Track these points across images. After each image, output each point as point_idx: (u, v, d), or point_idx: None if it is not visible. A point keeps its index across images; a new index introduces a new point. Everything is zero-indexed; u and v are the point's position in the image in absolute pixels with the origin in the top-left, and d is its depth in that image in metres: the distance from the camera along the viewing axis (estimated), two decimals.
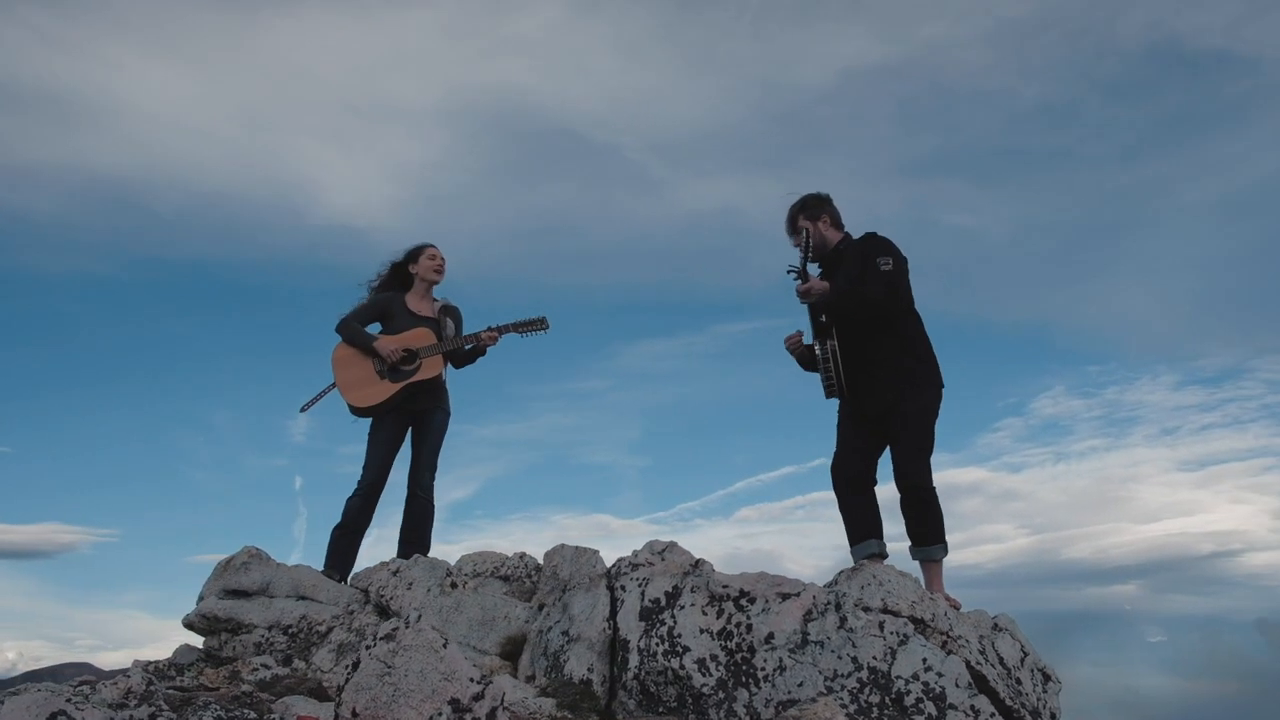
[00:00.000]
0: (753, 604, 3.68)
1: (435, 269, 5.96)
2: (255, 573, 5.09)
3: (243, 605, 4.97)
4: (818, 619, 3.66)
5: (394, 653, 2.43)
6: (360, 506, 5.67)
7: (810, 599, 3.69)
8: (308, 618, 4.85)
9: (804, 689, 3.44)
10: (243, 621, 4.91)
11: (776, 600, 3.67)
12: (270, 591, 5.06)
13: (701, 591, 3.78)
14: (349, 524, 5.66)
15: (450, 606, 4.63)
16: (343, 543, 5.66)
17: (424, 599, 4.66)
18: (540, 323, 5.86)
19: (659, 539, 4.20)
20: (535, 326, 5.86)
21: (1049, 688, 4.53)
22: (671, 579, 3.85)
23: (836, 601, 3.71)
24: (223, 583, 5.11)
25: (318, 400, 5.89)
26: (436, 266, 5.97)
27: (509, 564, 5.16)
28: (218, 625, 4.96)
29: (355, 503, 5.67)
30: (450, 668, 2.44)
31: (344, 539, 5.66)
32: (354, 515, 5.66)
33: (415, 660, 2.44)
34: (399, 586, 4.76)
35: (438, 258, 5.99)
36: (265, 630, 4.86)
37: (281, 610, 4.90)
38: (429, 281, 5.98)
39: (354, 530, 5.67)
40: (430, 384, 5.77)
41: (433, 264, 5.96)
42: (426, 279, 5.96)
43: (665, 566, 3.92)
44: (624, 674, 3.62)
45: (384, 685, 2.36)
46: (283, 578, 5.09)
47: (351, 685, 2.37)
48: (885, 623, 3.68)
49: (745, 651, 3.58)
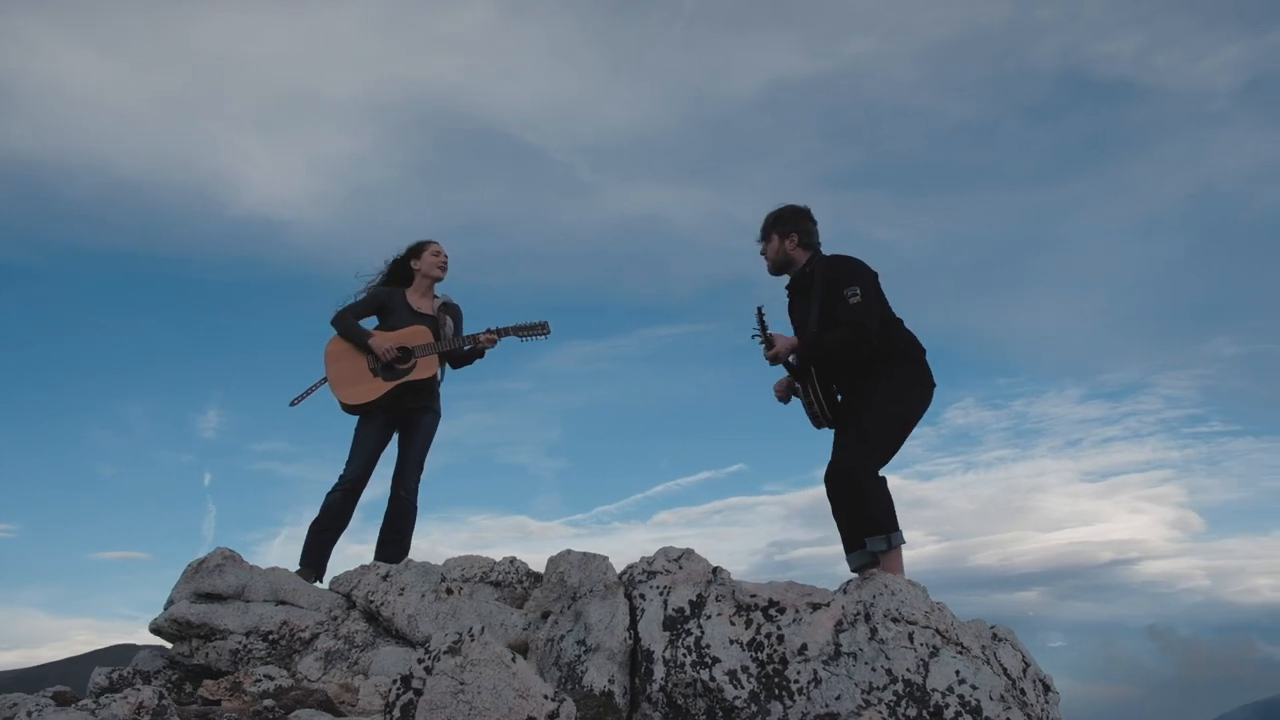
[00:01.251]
0: (782, 614, 3.58)
1: (439, 265, 5.78)
2: (230, 575, 4.82)
3: (217, 610, 4.70)
4: (848, 630, 3.57)
5: (462, 668, 2.26)
6: (341, 504, 5.43)
7: (840, 609, 3.61)
8: (289, 623, 4.60)
9: (842, 702, 3.35)
10: (217, 627, 4.64)
11: (807, 610, 3.57)
12: (246, 595, 4.79)
13: (727, 600, 3.67)
14: (328, 522, 5.42)
15: (446, 613, 4.43)
16: (320, 540, 5.41)
17: (418, 605, 4.45)
18: (542, 327, 5.71)
19: (673, 545, 4.08)
20: (536, 331, 5.71)
21: (1050, 698, 4.52)
22: (694, 587, 3.73)
23: (865, 612, 3.64)
24: (194, 586, 4.83)
25: (308, 395, 5.64)
26: (440, 263, 5.78)
27: (499, 569, 4.98)
28: (189, 631, 4.68)
29: (336, 499, 5.43)
30: (524, 684, 2.28)
31: (321, 536, 5.42)
32: (334, 513, 5.42)
33: (487, 676, 2.27)
34: (390, 592, 4.54)
35: (441, 254, 5.80)
36: (243, 636, 4.59)
37: (260, 615, 4.64)
38: (432, 278, 5.78)
39: (333, 529, 5.43)
40: (422, 384, 5.56)
41: (436, 260, 5.77)
42: (429, 275, 5.77)
43: (686, 574, 3.80)
44: (648, 686, 3.48)
45: (459, 704, 2.18)
46: (259, 581, 4.83)
47: (424, 704, 2.19)
48: (914, 634, 3.62)
49: (777, 663, 3.48)
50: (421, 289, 5.78)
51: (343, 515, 5.44)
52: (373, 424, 5.52)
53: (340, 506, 5.43)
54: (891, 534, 4.51)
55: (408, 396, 5.55)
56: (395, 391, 5.49)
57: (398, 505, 5.56)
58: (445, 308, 5.81)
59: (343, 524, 5.46)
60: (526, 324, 5.70)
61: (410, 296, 5.74)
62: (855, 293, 4.63)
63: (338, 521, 5.43)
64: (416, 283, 5.78)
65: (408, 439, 5.60)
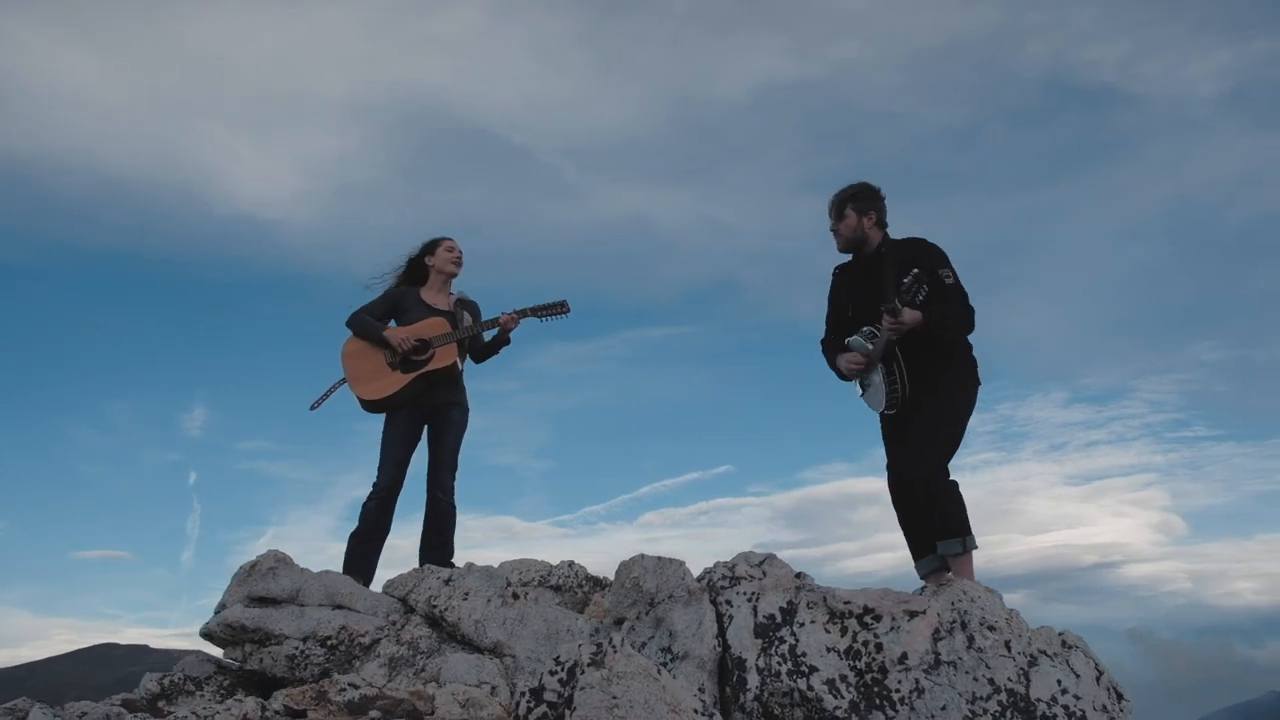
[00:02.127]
0: (878, 621, 3.50)
1: (453, 261, 5.65)
2: (284, 579, 4.70)
3: (271, 614, 4.58)
4: (946, 638, 3.49)
5: (609, 681, 2.16)
6: (378, 511, 5.31)
7: (936, 616, 3.53)
8: (348, 628, 4.48)
9: (947, 713, 3.26)
10: (272, 632, 4.52)
11: (905, 618, 3.49)
12: (300, 599, 4.67)
13: (819, 607, 3.58)
14: (367, 531, 5.30)
15: (514, 619, 4.32)
16: (363, 550, 5.28)
17: (484, 610, 4.34)
18: (561, 306, 5.60)
19: (754, 550, 3.99)
20: (556, 310, 5.60)
21: (1122, 705, 4.46)
22: (784, 594, 3.64)
23: (961, 620, 3.56)
24: (247, 589, 4.71)
25: (327, 397, 5.50)
26: (455, 259, 5.66)
27: (558, 573, 4.88)
28: (243, 635, 4.56)
29: (372, 507, 5.30)
30: (674, 697, 2.19)
31: (364, 546, 5.29)
32: (372, 521, 5.30)
33: (637, 689, 2.17)
34: (453, 597, 4.43)
35: (456, 250, 5.68)
36: (299, 641, 4.48)
37: (317, 620, 4.53)
38: (446, 274, 5.66)
39: (374, 537, 5.31)
40: (446, 377, 5.44)
41: (450, 256, 5.65)
42: (444, 271, 5.64)
43: (774, 580, 3.71)
44: (741, 694, 3.38)
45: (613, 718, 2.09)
46: (313, 585, 4.71)
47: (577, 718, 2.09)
48: (1011, 642, 3.54)
49: (876, 672, 3.39)
50: (436, 285, 5.68)
51: (381, 523, 5.32)
52: (399, 424, 5.39)
53: (378, 514, 5.31)
54: (966, 537, 4.45)
55: (432, 391, 5.43)
56: (416, 384, 5.37)
57: (436, 507, 5.43)
58: (461, 303, 5.71)
59: (383, 532, 5.33)
60: (545, 304, 5.59)
61: (425, 294, 5.63)
62: (950, 274, 4.61)
63: (377, 530, 5.31)
64: (431, 279, 5.67)
65: (438, 438, 5.47)
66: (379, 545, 5.32)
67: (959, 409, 4.65)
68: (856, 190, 4.90)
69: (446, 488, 5.42)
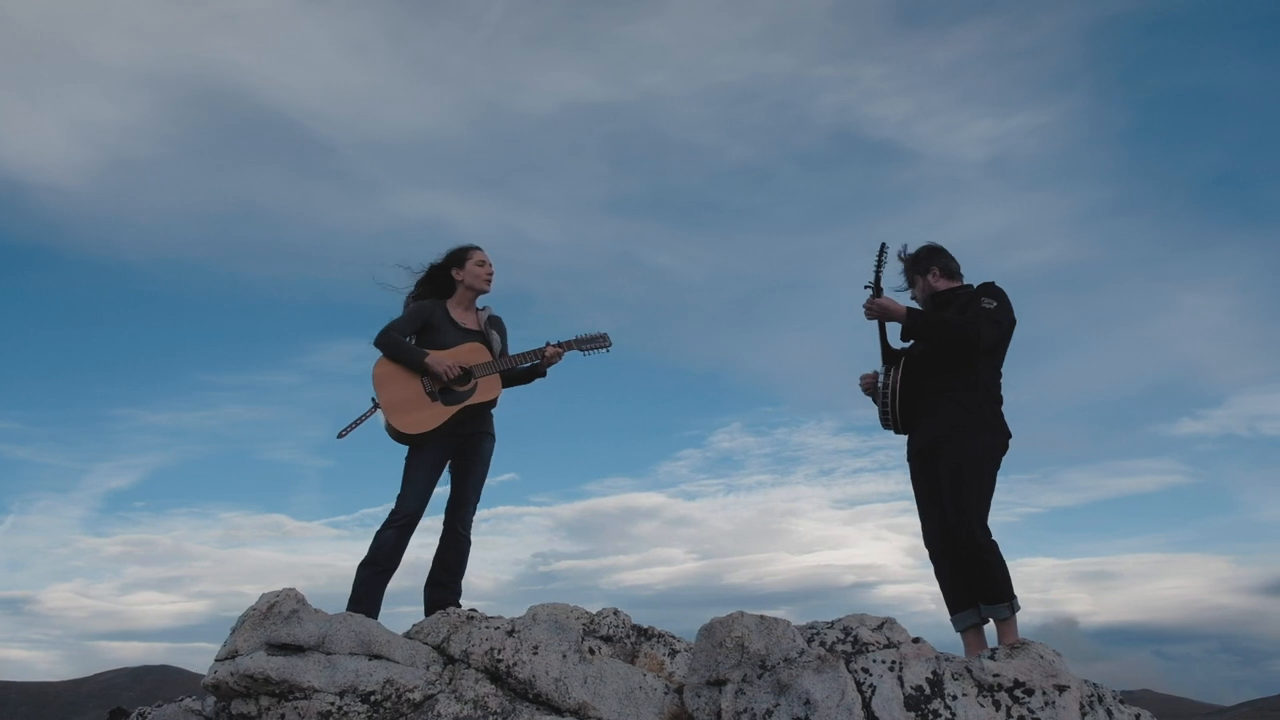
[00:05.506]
0: (1030, 695, 3.44)
1: (485, 276, 5.21)
2: (309, 623, 4.16)
3: (296, 664, 4.03)
4: (1090, 712, 3.49)
5: None
6: (395, 542, 4.83)
7: (1078, 689, 3.52)
8: (393, 682, 4.01)
9: None
10: (298, 684, 3.98)
11: (1054, 692, 3.45)
12: (327, 647, 4.14)
13: (966, 679, 3.49)
14: (380, 561, 4.81)
15: (594, 676, 3.99)
16: (373, 584, 4.79)
17: (561, 667, 3.98)
18: (603, 340, 5.32)
19: (868, 614, 3.86)
20: (599, 344, 5.31)
21: None
22: (927, 663, 3.53)
23: (1098, 693, 3.57)
24: (264, 634, 4.13)
25: (357, 425, 4.95)
26: (486, 274, 5.22)
27: (605, 622, 4.58)
28: (263, 688, 4.00)
29: (390, 537, 4.82)
30: None
31: (375, 580, 4.79)
32: (388, 552, 4.81)
33: None
34: (521, 650, 4.03)
35: (487, 263, 5.24)
36: (334, 696, 3.97)
37: (355, 672, 4.02)
38: (476, 290, 5.22)
39: (386, 570, 4.82)
40: (483, 406, 5.04)
41: (483, 271, 5.21)
42: (474, 287, 5.20)
43: (916, 650, 3.59)
44: None
45: None
46: (341, 629, 4.19)
47: None
48: (1141, 715, 3.58)
49: None
50: (465, 302, 5.24)
51: (396, 554, 4.85)
52: (429, 451, 4.94)
53: (394, 544, 4.83)
54: (1012, 601, 4.52)
55: (467, 421, 5.03)
56: (458, 418, 4.95)
57: (454, 543, 5.01)
58: (491, 321, 5.30)
59: (395, 564, 4.85)
60: (589, 336, 5.32)
61: (453, 310, 5.20)
62: (992, 302, 4.68)
63: (391, 561, 4.83)
64: (459, 294, 5.23)
65: (466, 469, 5.05)
66: (388, 578, 4.84)
67: (981, 461, 4.65)
68: (914, 256, 5.00)
69: (467, 523, 5.01)
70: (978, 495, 4.61)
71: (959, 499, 4.56)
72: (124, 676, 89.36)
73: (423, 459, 4.90)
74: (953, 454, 4.61)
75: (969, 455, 4.60)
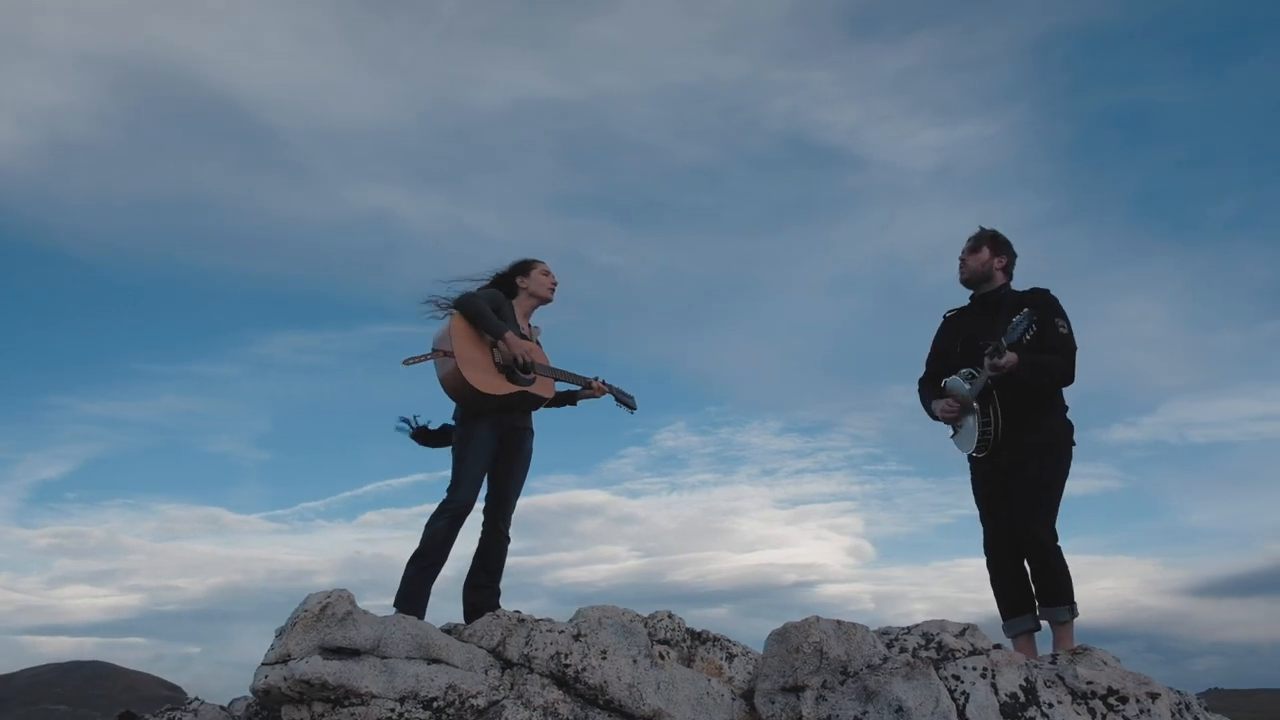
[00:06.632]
0: (1124, 703, 3.42)
1: (549, 287, 5.17)
2: (363, 626, 3.99)
3: (352, 669, 3.87)
4: (1179, 719, 3.48)
5: None
6: (447, 533, 4.67)
7: (1168, 696, 3.50)
8: (456, 688, 3.86)
9: None
10: (355, 689, 3.82)
11: (1148, 699, 3.43)
12: (382, 650, 3.98)
13: (1058, 686, 3.46)
14: (431, 554, 4.63)
15: (667, 682, 3.89)
16: (422, 581, 4.63)
17: (633, 673, 3.87)
18: (633, 402, 5.43)
19: (946, 619, 3.81)
20: (628, 404, 5.42)
21: None
22: (1019, 670, 3.49)
23: (1184, 700, 3.56)
24: (318, 637, 3.96)
25: (424, 359, 4.82)
26: (551, 284, 5.18)
27: (661, 625, 4.46)
28: (318, 694, 3.82)
29: (442, 528, 4.65)
30: None
31: (425, 574, 4.63)
32: (439, 544, 4.65)
33: None
34: (589, 655, 3.91)
35: (551, 275, 5.20)
36: (394, 702, 3.81)
37: (415, 677, 3.87)
38: (540, 299, 5.16)
39: (436, 563, 4.66)
40: (533, 403, 4.93)
41: (548, 281, 5.17)
42: (538, 295, 5.14)
43: (1008, 656, 3.55)
44: None
45: None
46: (396, 632, 4.03)
47: None
48: None
49: None
50: (525, 309, 5.16)
51: (446, 546, 4.68)
52: (482, 438, 4.79)
53: (445, 536, 4.67)
54: (1072, 604, 4.55)
55: (516, 410, 4.91)
56: (514, 398, 4.83)
57: (495, 542, 4.87)
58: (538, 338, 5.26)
59: (445, 557, 4.69)
60: (627, 394, 5.40)
61: (515, 311, 5.11)
62: (1065, 325, 4.70)
63: (441, 554, 4.67)
64: (520, 301, 5.15)
65: (511, 465, 4.91)
66: (437, 573, 4.68)
67: (1060, 473, 4.74)
68: (997, 233, 4.96)
69: (509, 521, 4.87)
70: (1051, 504, 4.69)
71: (1040, 507, 4.64)
72: (51, 672, 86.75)
73: (481, 446, 4.75)
74: (1043, 470, 4.67)
75: (1060, 471, 4.70)
